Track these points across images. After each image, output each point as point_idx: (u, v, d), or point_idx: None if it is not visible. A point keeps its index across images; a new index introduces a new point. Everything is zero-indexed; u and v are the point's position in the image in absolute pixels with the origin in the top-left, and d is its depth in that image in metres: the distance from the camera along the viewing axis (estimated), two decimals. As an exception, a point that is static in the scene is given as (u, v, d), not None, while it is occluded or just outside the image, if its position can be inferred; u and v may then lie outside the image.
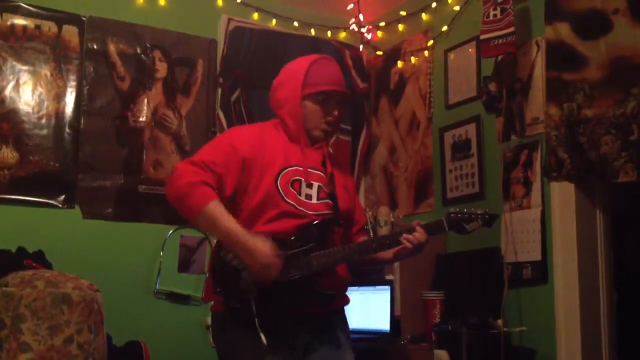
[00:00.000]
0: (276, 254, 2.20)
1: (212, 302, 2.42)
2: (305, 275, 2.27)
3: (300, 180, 2.36)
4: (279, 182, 2.33)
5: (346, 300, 2.50)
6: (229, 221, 2.24)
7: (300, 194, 2.34)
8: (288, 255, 2.26)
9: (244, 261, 2.22)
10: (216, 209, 2.25)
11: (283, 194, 2.32)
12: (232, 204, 2.35)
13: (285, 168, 2.36)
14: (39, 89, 3.61)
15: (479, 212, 2.39)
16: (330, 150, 2.58)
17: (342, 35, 4.49)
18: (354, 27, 4.38)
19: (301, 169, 2.38)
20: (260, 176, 2.34)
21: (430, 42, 4.05)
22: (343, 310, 2.50)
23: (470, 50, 3.76)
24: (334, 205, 2.40)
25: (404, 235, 2.35)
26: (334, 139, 3.84)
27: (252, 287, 2.22)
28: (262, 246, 2.20)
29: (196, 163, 2.32)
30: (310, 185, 2.38)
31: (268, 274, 2.20)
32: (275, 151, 2.39)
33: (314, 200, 2.37)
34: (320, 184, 2.40)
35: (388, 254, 2.45)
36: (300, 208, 2.33)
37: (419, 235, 2.35)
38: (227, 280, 2.29)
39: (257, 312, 2.20)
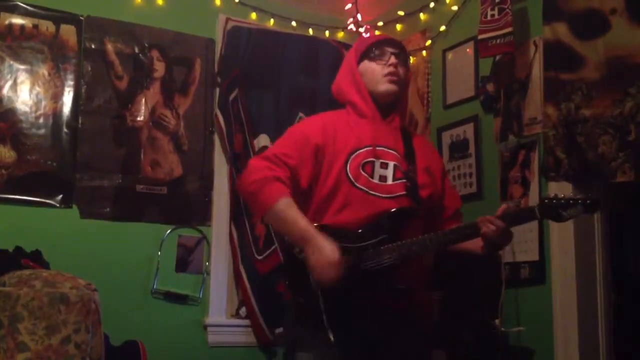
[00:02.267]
0: (340, 255, 2.11)
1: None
2: (376, 270, 2.16)
3: (373, 162, 2.27)
4: (348, 166, 2.25)
5: (425, 298, 2.38)
6: (298, 218, 2.17)
7: (373, 177, 2.25)
8: (353, 261, 2.15)
9: (308, 259, 2.14)
10: (286, 206, 2.18)
11: (353, 179, 2.24)
12: (306, 195, 2.29)
13: (356, 150, 2.27)
14: (37, 88, 3.61)
15: (578, 197, 2.15)
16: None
17: (340, 35, 4.49)
18: (352, 26, 4.38)
19: (375, 149, 2.28)
20: (331, 162, 2.27)
21: (429, 42, 4.05)
22: (422, 307, 2.36)
23: (468, 50, 3.76)
24: (411, 187, 2.27)
25: (486, 224, 2.17)
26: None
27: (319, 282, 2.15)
28: (327, 246, 2.12)
29: (269, 158, 2.28)
30: (385, 165, 2.28)
31: (328, 275, 2.11)
32: (346, 134, 2.30)
33: (390, 182, 2.27)
34: (396, 162, 2.29)
35: (475, 245, 2.26)
36: (372, 192, 2.23)
37: (498, 224, 2.16)
38: (296, 274, 2.22)
39: (324, 308, 2.12)
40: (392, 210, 2.22)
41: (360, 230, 2.20)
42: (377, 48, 2.39)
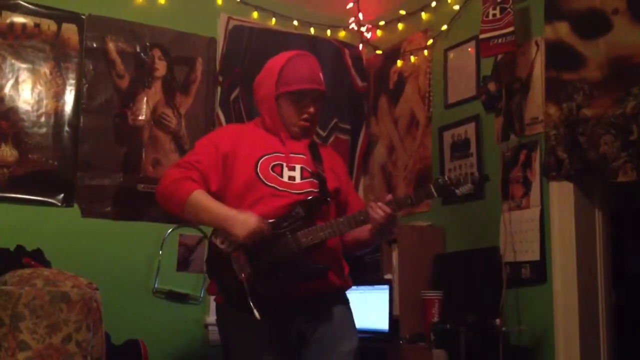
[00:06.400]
0: (259, 217, 2.27)
1: (215, 296, 2.48)
2: (295, 253, 2.31)
3: (282, 165, 2.42)
4: (258, 167, 2.39)
5: (345, 283, 2.50)
6: (213, 203, 2.34)
7: (282, 177, 2.40)
8: (274, 225, 2.31)
9: (233, 234, 2.28)
10: (201, 195, 2.36)
11: (263, 178, 2.38)
12: (217, 198, 2.42)
13: (265, 155, 2.42)
14: (38, 87, 3.61)
15: (468, 173, 2.42)
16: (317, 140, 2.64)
17: (342, 34, 4.48)
18: (353, 26, 4.38)
19: (282, 155, 2.43)
20: (240, 166, 2.41)
21: (430, 42, 4.05)
22: (343, 293, 2.50)
23: (469, 49, 3.76)
24: (320, 183, 2.44)
25: (375, 210, 2.34)
26: (332, 138, 3.83)
27: (244, 268, 2.29)
28: (244, 214, 2.28)
29: (180, 164, 2.47)
30: (292, 168, 2.43)
31: (258, 235, 2.25)
32: (254, 143, 2.46)
33: (298, 181, 2.41)
34: (303, 165, 2.45)
35: (364, 233, 2.44)
36: (282, 189, 2.38)
37: (385, 210, 2.34)
38: (220, 265, 2.35)
39: (249, 291, 2.25)
40: (306, 199, 2.38)
41: (280, 218, 2.34)
42: (301, 94, 2.49)
